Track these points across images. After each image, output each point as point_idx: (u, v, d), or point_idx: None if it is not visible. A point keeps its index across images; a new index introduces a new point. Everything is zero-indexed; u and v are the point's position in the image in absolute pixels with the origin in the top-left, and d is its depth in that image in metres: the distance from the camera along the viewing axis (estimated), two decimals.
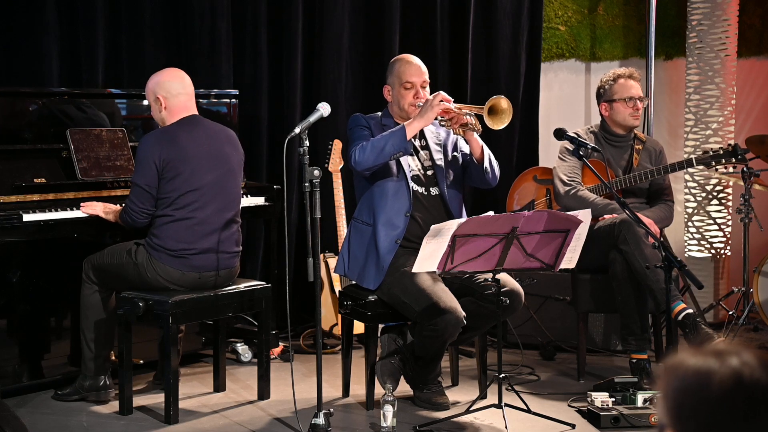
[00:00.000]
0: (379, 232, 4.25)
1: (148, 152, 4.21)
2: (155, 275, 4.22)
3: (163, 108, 4.30)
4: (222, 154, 4.35)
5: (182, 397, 4.34)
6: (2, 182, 4.34)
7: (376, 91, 4.60)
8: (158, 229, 4.24)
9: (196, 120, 4.37)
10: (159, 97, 4.30)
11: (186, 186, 4.21)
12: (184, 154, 4.22)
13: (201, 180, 4.25)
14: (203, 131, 4.34)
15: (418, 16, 6.11)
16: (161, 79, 4.33)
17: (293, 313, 4.81)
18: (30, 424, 3.64)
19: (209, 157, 4.29)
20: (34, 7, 5.10)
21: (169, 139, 4.24)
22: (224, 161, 4.36)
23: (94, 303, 4.35)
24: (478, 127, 4.18)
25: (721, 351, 1.38)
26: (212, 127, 4.43)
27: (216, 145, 4.34)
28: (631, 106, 4.93)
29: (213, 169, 4.30)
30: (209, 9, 5.53)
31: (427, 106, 4.15)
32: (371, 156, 4.14)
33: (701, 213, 6.27)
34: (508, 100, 4.12)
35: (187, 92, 4.35)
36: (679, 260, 4.14)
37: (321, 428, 3.81)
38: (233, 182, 4.40)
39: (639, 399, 4.11)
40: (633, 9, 6.55)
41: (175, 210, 4.22)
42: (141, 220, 4.25)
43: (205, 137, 4.32)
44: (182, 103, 4.32)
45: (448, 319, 4.00)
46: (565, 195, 4.89)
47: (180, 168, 4.20)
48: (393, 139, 4.13)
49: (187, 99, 4.34)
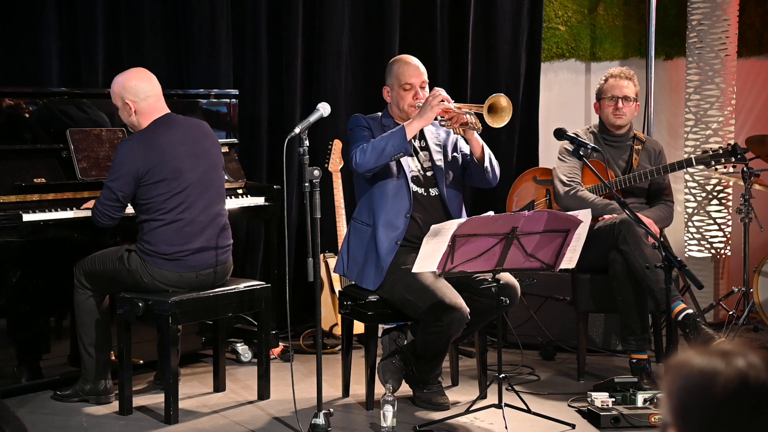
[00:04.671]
0: (379, 233, 4.25)
1: (127, 161, 4.13)
2: (152, 279, 4.20)
3: (133, 112, 4.22)
4: (202, 150, 4.31)
5: (182, 397, 4.34)
6: (2, 182, 4.34)
7: (376, 91, 4.59)
8: (148, 235, 4.20)
9: (171, 119, 4.29)
10: (127, 102, 4.21)
11: (171, 189, 4.17)
12: (165, 157, 4.17)
13: (185, 181, 4.21)
14: (180, 130, 4.28)
15: (418, 16, 6.11)
16: (127, 83, 4.23)
17: (293, 313, 4.82)
18: (30, 424, 3.64)
19: (190, 156, 4.25)
20: (34, 6, 5.10)
21: (147, 145, 4.17)
22: (205, 157, 4.32)
23: (89, 308, 4.33)
24: (479, 126, 4.18)
25: (726, 352, 1.38)
26: (186, 123, 4.37)
27: (195, 142, 4.30)
28: (612, 104, 4.94)
29: (195, 167, 4.25)
30: (209, 9, 5.53)
31: (427, 106, 4.14)
32: (372, 158, 4.14)
33: (701, 213, 6.27)
34: (507, 98, 4.12)
35: (155, 93, 4.27)
36: (679, 260, 4.14)
37: (321, 428, 3.80)
38: (216, 176, 4.37)
39: (639, 399, 4.11)
40: (633, 9, 6.55)
41: (163, 214, 4.18)
42: (104, 222, 4.20)
43: (182, 136, 4.27)
44: (152, 104, 4.24)
45: (453, 315, 4.00)
46: (565, 195, 4.89)
47: (163, 173, 4.16)
48: (393, 140, 4.13)
49: (156, 99, 4.26)
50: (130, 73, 4.28)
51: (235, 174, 5.18)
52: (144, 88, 4.23)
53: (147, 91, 4.23)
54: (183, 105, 5.10)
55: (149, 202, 4.18)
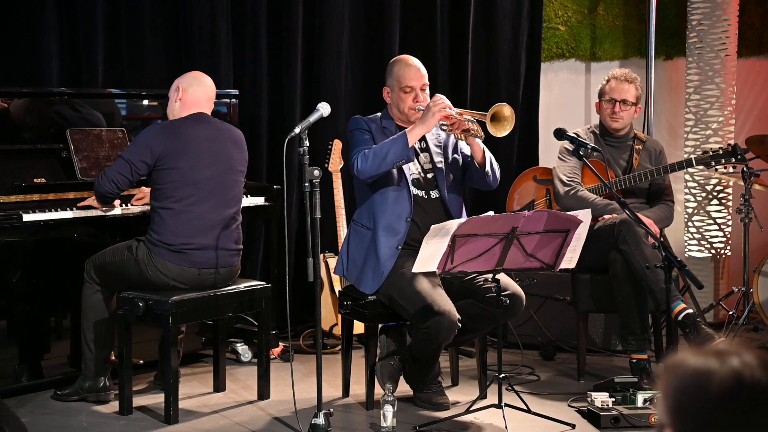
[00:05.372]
0: (379, 238, 4.24)
1: (149, 139, 4.22)
2: (156, 271, 4.22)
3: (179, 99, 4.33)
4: (223, 151, 4.35)
5: (182, 397, 4.34)
6: (2, 182, 4.34)
7: (376, 91, 4.59)
8: (157, 224, 4.24)
9: (204, 117, 4.37)
10: (179, 87, 4.35)
11: (183, 179, 4.21)
12: (184, 147, 4.22)
13: (199, 175, 4.24)
14: (208, 127, 4.34)
15: (418, 16, 6.11)
16: (190, 75, 4.42)
17: (293, 313, 4.82)
18: (30, 424, 3.65)
19: (209, 153, 4.29)
20: (34, 6, 5.10)
21: (172, 131, 4.25)
22: (225, 159, 4.35)
23: (95, 303, 4.35)
24: (481, 134, 4.16)
25: (721, 351, 1.38)
26: (219, 125, 4.43)
27: (218, 142, 4.34)
28: (610, 107, 4.95)
29: (212, 165, 4.29)
30: (209, 9, 5.53)
31: (429, 113, 4.12)
32: (373, 165, 4.14)
33: (701, 213, 6.27)
34: (511, 108, 4.11)
35: (207, 92, 4.38)
36: (679, 260, 4.14)
37: (321, 428, 3.80)
38: (233, 180, 4.39)
39: (639, 399, 4.11)
40: (633, 9, 6.55)
41: (173, 203, 4.21)
42: (105, 186, 4.21)
43: (208, 133, 4.32)
44: (198, 99, 4.35)
45: (441, 321, 3.98)
46: (565, 195, 4.89)
47: (178, 161, 4.20)
48: (394, 147, 4.11)
49: (204, 98, 4.37)
50: (197, 72, 4.48)
51: None
52: (200, 82, 4.38)
53: (201, 86, 4.37)
54: None
55: (162, 188, 4.22)
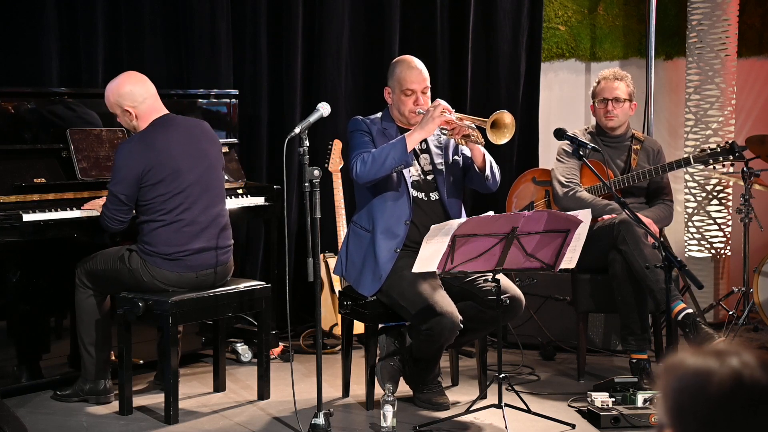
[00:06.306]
0: (378, 241, 4.23)
1: (127, 163, 4.15)
2: (152, 279, 4.21)
3: (134, 117, 4.23)
4: (200, 151, 4.32)
5: (182, 397, 4.34)
6: (2, 182, 4.34)
7: (376, 91, 4.59)
8: (148, 236, 4.22)
9: (169, 120, 4.30)
10: (126, 109, 4.22)
11: (170, 190, 4.18)
12: (163, 158, 4.18)
13: (184, 181, 4.22)
14: (178, 130, 4.29)
15: (417, 16, 6.11)
16: (121, 89, 4.23)
17: (293, 313, 4.81)
18: (30, 424, 3.64)
19: (189, 157, 4.26)
20: (34, 6, 5.10)
21: (146, 146, 4.18)
22: (203, 158, 4.32)
23: (89, 307, 4.34)
24: (481, 140, 4.13)
25: (721, 351, 1.38)
26: (185, 123, 4.38)
27: (193, 143, 4.31)
28: (603, 107, 4.95)
29: (194, 168, 4.26)
30: (209, 9, 5.53)
31: (428, 117, 4.11)
32: (372, 170, 4.13)
33: (701, 213, 6.27)
34: (512, 116, 4.08)
35: (151, 94, 4.27)
36: (679, 260, 4.14)
37: (321, 428, 3.80)
38: (215, 177, 4.38)
39: (639, 399, 4.11)
40: (633, 9, 6.55)
41: (163, 215, 4.20)
42: (114, 226, 4.23)
43: (181, 136, 4.28)
44: (151, 105, 4.25)
45: (443, 322, 3.98)
46: (564, 196, 4.89)
47: (162, 173, 4.17)
48: (394, 152, 4.11)
49: (154, 100, 4.27)
50: (121, 79, 4.28)
51: (235, 174, 5.18)
52: (139, 91, 4.23)
53: (143, 94, 4.23)
54: (183, 105, 5.11)
55: (149, 203, 4.19)
